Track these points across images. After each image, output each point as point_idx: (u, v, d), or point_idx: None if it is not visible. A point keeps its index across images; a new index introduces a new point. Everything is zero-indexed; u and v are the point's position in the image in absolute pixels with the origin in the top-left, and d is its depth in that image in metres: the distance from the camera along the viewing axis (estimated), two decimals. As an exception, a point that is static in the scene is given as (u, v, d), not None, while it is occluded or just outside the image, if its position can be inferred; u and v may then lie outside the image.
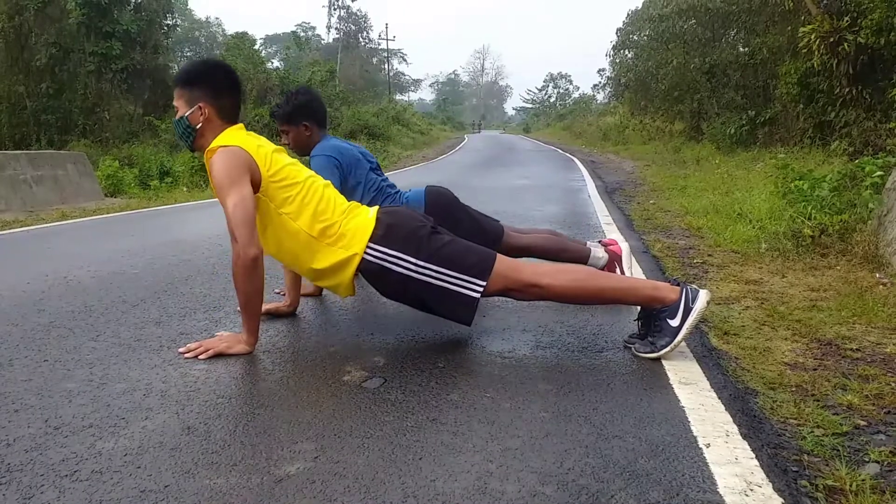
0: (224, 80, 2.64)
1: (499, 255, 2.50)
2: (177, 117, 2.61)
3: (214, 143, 2.51)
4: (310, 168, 3.29)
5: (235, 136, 2.53)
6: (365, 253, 2.46)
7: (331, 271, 2.52)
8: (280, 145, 2.77)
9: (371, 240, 2.47)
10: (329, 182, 2.72)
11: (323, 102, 3.53)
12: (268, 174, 2.47)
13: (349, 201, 2.68)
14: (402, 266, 2.44)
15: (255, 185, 2.45)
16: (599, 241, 3.45)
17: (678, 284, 2.44)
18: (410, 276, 2.44)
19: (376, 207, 2.65)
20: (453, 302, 2.44)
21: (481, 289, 2.42)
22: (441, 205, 3.25)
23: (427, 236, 2.49)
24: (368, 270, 2.49)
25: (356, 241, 2.48)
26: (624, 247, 3.38)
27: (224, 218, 2.43)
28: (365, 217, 2.55)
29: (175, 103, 2.63)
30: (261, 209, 2.48)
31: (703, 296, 2.37)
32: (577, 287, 2.44)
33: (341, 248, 2.49)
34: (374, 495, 1.48)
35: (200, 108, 2.56)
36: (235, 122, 2.63)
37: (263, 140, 2.63)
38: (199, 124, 2.57)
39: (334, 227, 2.50)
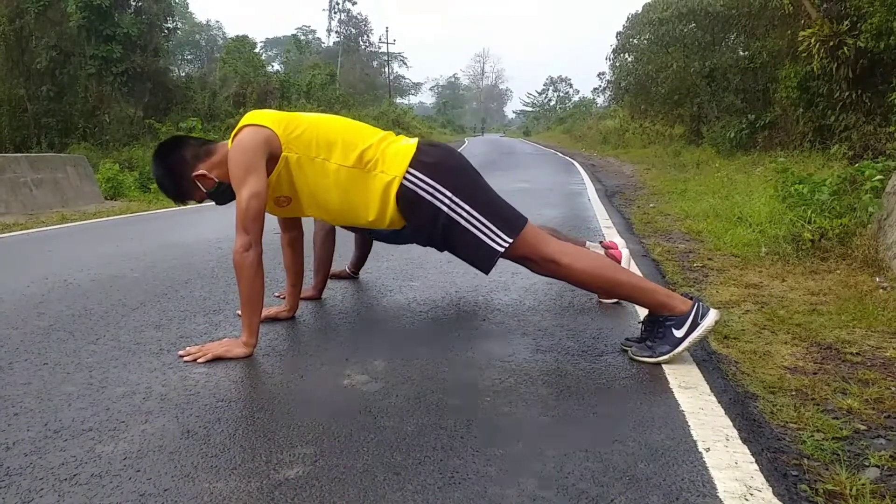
0: (178, 152, 2.59)
1: (529, 222, 2.49)
2: (207, 193, 2.61)
3: (241, 122, 2.51)
4: None
5: (258, 116, 2.51)
6: (404, 177, 2.43)
7: (373, 200, 2.47)
8: None
9: (412, 164, 2.44)
10: (346, 119, 2.69)
11: None
12: (287, 133, 2.47)
13: None
14: (437, 198, 2.41)
15: (276, 152, 2.44)
16: (601, 243, 3.44)
17: (691, 299, 2.43)
18: (442, 210, 2.41)
19: (416, 138, 2.63)
20: (476, 248, 2.43)
21: (507, 244, 2.40)
22: None
23: (471, 175, 2.50)
24: (404, 196, 2.44)
25: (396, 164, 2.45)
26: (624, 252, 3.36)
27: (223, 219, 2.43)
28: (404, 142, 2.54)
29: (193, 200, 2.64)
30: (294, 168, 2.46)
31: (712, 314, 2.37)
32: (597, 274, 2.42)
33: (381, 171, 2.45)
34: (373, 500, 1.48)
35: (201, 175, 2.56)
36: (212, 142, 2.65)
37: (286, 113, 2.62)
38: (215, 180, 2.57)
39: (370, 150, 2.47)
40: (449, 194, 2.41)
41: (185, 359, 2.42)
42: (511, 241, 2.40)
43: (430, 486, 1.54)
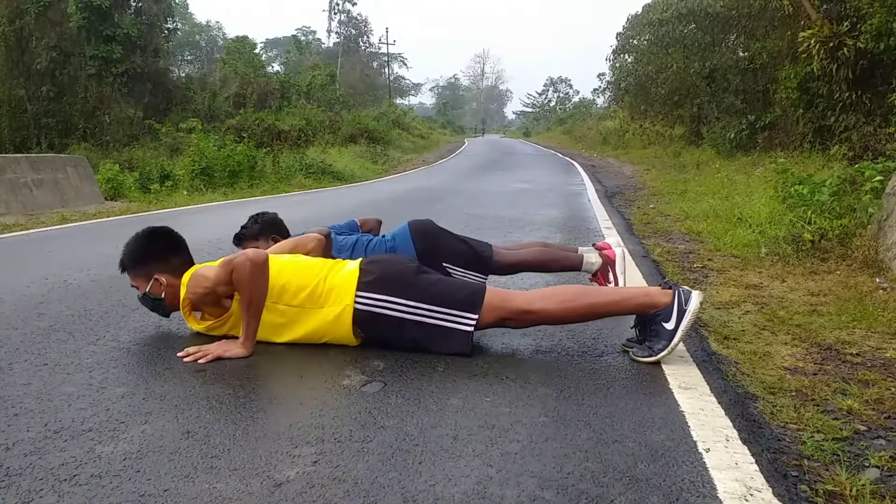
0: (166, 246, 2.78)
1: (489, 287, 2.55)
2: (140, 295, 2.75)
3: (183, 283, 2.63)
4: None
5: (195, 267, 2.66)
6: (355, 302, 2.49)
7: (329, 329, 2.54)
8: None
9: (359, 288, 2.50)
10: (292, 255, 2.78)
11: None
12: None
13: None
14: (393, 309, 2.48)
15: (229, 296, 2.56)
16: (594, 245, 3.43)
17: (670, 287, 2.44)
18: (403, 318, 2.48)
19: (359, 259, 2.69)
20: (448, 338, 2.47)
21: (474, 321, 2.45)
22: (428, 236, 3.24)
23: (414, 277, 2.55)
24: (362, 319, 2.51)
25: (343, 293, 2.52)
26: (618, 251, 3.35)
27: (223, 221, 2.44)
28: (347, 269, 2.59)
29: (133, 284, 2.76)
30: (239, 314, 2.54)
31: (695, 297, 2.38)
32: (570, 307, 2.48)
33: (330, 305, 2.52)
34: (374, 500, 1.48)
35: (156, 279, 2.69)
36: (189, 265, 2.75)
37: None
38: (164, 293, 2.69)
39: (318, 288, 2.54)
40: (403, 300, 2.48)
41: (186, 360, 2.42)
42: (476, 316, 2.45)
43: (431, 486, 1.54)
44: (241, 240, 3.42)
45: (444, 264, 3.10)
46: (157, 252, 2.74)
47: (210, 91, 25.79)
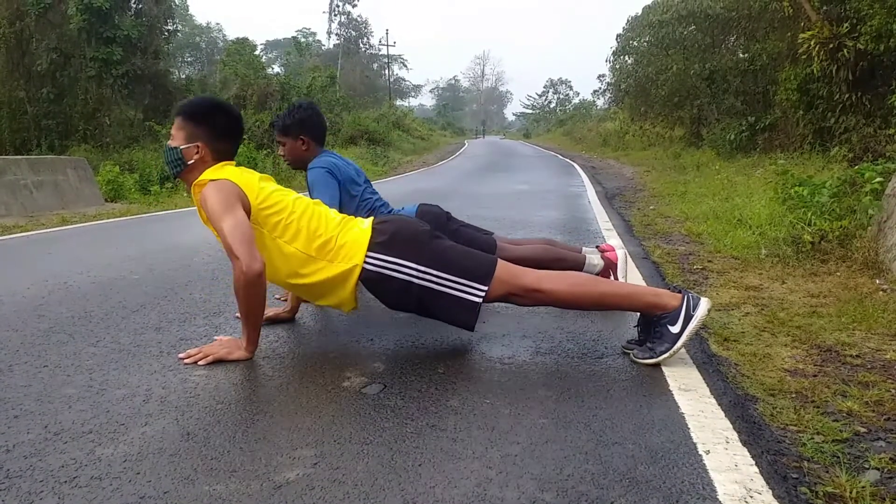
0: (227, 126, 2.66)
1: (500, 261, 2.51)
2: (170, 145, 2.63)
3: (203, 177, 2.52)
4: (306, 181, 3.31)
5: (223, 171, 2.55)
6: (365, 262, 2.46)
7: (332, 287, 2.52)
8: (277, 155, 2.80)
9: (370, 248, 2.47)
10: (318, 200, 2.74)
11: (324, 120, 3.56)
12: (257, 202, 2.49)
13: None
14: (403, 272, 2.44)
15: (246, 214, 2.46)
16: (597, 247, 3.44)
17: (679, 291, 2.44)
18: (412, 282, 2.44)
19: (371, 218, 2.66)
20: (455, 307, 2.44)
21: (483, 293, 2.42)
22: (433, 221, 3.25)
23: (427, 241, 2.50)
24: (369, 279, 2.48)
25: (355, 251, 2.48)
26: (620, 254, 3.36)
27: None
28: (360, 227, 2.56)
29: (173, 131, 2.64)
30: (257, 241, 2.48)
31: (703, 303, 2.37)
32: (579, 292, 2.45)
33: (340, 260, 2.49)
34: (374, 502, 1.48)
35: (198, 147, 2.59)
36: (228, 160, 2.65)
37: (248, 171, 2.64)
38: (192, 160, 2.60)
39: (331, 241, 2.50)
40: (413, 265, 2.44)
41: (186, 361, 2.42)
42: (486, 287, 2.42)
43: (431, 488, 1.54)
44: (273, 127, 3.46)
45: None
46: (218, 123, 2.62)
47: (210, 93, 25.79)
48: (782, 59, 12.64)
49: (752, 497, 1.53)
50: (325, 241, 2.50)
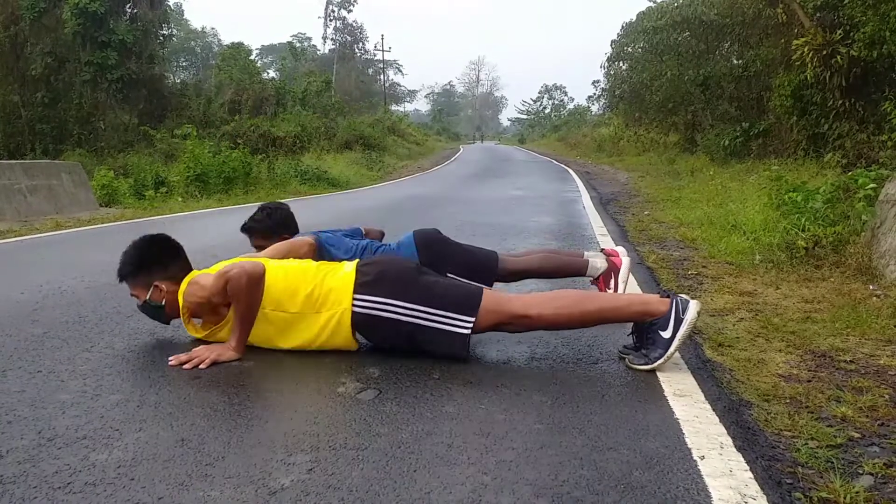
0: (164, 253, 2.75)
1: (486, 290, 2.54)
2: (140, 303, 2.73)
3: (180, 294, 2.61)
4: None
5: (190, 277, 2.65)
6: (353, 305, 2.48)
7: (328, 335, 2.53)
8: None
9: (355, 290, 2.49)
10: (282, 261, 2.76)
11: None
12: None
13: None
14: (391, 311, 2.47)
15: (225, 305, 2.56)
16: (602, 250, 3.40)
17: (668, 296, 2.45)
18: (401, 320, 2.47)
19: (356, 260, 2.68)
20: (446, 340, 2.46)
21: (471, 324, 2.44)
22: (432, 245, 3.22)
23: (414, 278, 2.54)
24: (359, 322, 2.50)
25: (341, 296, 2.50)
26: (625, 261, 3.29)
27: (219, 227, 2.43)
28: (344, 271, 2.58)
29: (133, 293, 2.73)
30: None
31: (693, 306, 2.38)
32: (566, 314, 2.48)
33: (328, 309, 2.50)
34: (369, 508, 1.48)
35: (156, 286, 2.67)
36: (188, 270, 2.73)
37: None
38: (164, 300, 2.67)
39: (314, 291, 2.52)
40: (401, 303, 2.47)
41: (185, 367, 2.40)
42: (473, 318, 2.44)
43: (426, 494, 1.54)
44: (250, 232, 3.41)
45: (449, 274, 3.09)
46: (156, 259, 2.72)
47: (205, 97, 25.76)
48: (776, 65, 12.69)
49: (746, 503, 1.53)
50: (307, 293, 2.52)
